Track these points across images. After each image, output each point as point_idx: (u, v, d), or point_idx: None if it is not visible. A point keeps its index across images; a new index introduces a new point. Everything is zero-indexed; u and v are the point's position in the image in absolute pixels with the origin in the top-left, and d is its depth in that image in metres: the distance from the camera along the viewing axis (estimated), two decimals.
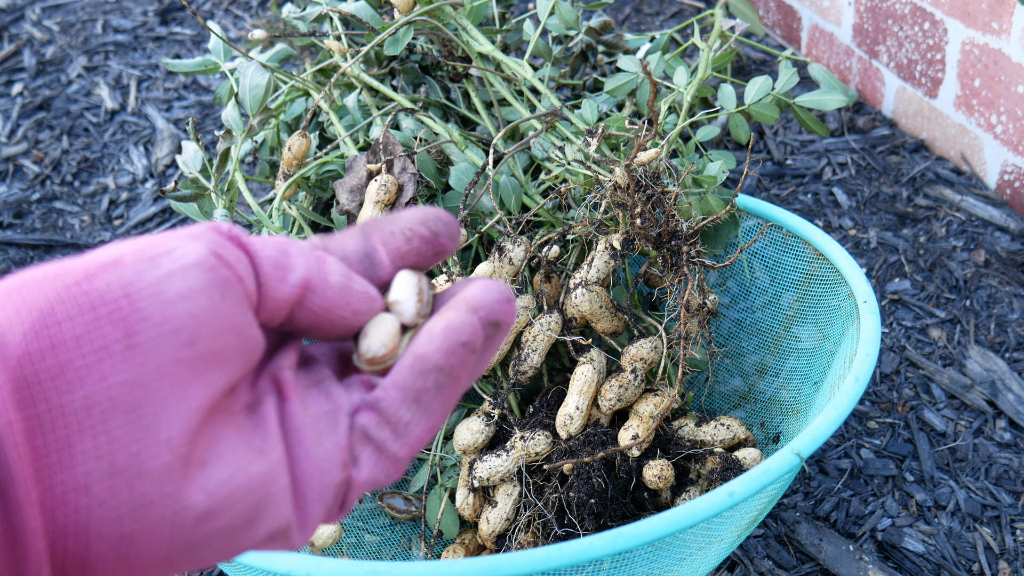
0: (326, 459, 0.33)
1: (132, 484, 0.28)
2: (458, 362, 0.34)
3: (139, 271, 0.29)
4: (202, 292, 0.30)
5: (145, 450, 0.28)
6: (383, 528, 1.02)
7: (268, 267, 0.32)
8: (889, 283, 1.37)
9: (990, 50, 1.40)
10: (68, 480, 0.28)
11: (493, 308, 0.35)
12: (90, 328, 0.28)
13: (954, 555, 1.04)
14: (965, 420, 1.18)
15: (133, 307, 0.29)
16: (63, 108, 1.91)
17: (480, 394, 0.93)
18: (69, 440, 0.28)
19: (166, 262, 0.30)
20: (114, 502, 0.28)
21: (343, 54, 1.05)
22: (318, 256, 0.34)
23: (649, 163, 0.85)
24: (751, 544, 1.06)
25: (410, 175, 0.94)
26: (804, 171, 1.58)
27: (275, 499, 0.32)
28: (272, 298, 0.33)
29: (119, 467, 0.28)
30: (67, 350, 0.28)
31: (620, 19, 2.03)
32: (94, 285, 0.29)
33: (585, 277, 0.89)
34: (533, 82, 1.00)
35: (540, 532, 0.87)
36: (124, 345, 0.28)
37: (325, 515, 0.34)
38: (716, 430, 0.91)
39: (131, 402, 0.28)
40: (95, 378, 0.28)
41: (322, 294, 0.33)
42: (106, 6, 2.23)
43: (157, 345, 0.29)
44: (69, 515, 0.28)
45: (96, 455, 0.28)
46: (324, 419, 0.34)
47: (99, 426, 0.28)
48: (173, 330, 0.29)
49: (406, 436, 0.34)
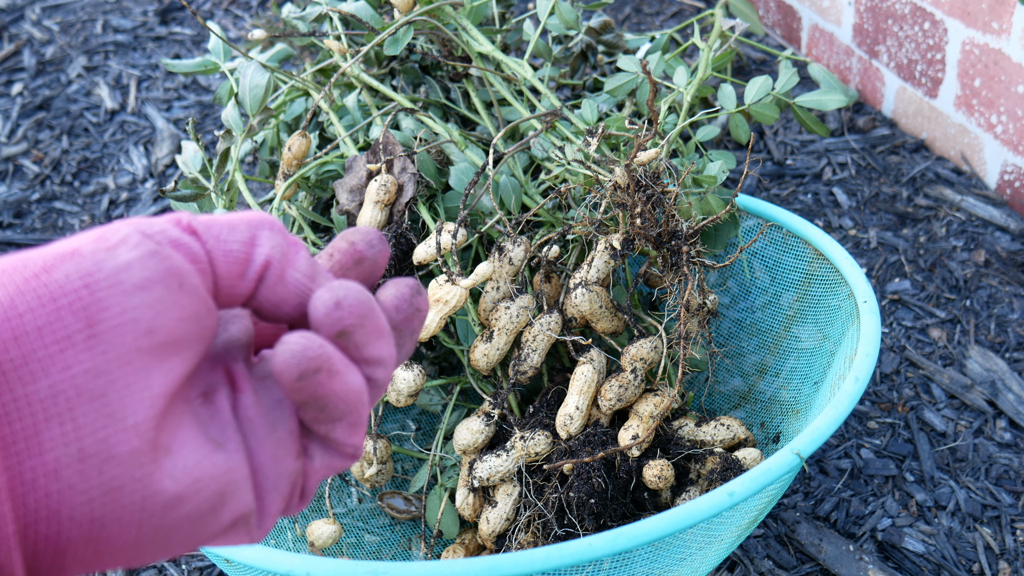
0: (279, 448, 0.34)
1: (101, 469, 0.29)
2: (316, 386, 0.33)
3: (97, 261, 0.30)
4: (159, 282, 0.30)
5: (113, 436, 0.29)
6: (383, 528, 1.02)
7: (226, 264, 0.33)
8: (889, 283, 1.37)
9: (990, 50, 1.40)
10: (38, 466, 0.28)
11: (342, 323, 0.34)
12: (52, 319, 0.29)
13: (954, 555, 1.04)
14: (965, 420, 1.18)
15: (93, 297, 0.29)
16: (63, 108, 1.91)
17: (480, 394, 0.93)
18: (36, 428, 0.28)
19: (123, 251, 0.30)
20: (84, 486, 0.29)
21: (343, 54, 1.05)
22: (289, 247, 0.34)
23: (649, 163, 0.85)
24: (751, 544, 1.06)
25: (410, 175, 0.94)
26: (804, 171, 1.58)
27: (238, 486, 0.32)
28: (228, 295, 0.33)
29: (88, 452, 0.29)
30: (29, 341, 0.29)
31: (620, 19, 2.03)
32: (53, 276, 0.29)
33: (585, 277, 0.89)
34: (533, 82, 1.00)
35: (540, 532, 0.87)
36: (86, 335, 0.29)
37: (283, 504, 0.34)
38: (716, 430, 0.91)
39: (95, 389, 0.29)
40: (59, 367, 0.29)
41: (273, 290, 0.34)
42: (106, 6, 2.23)
43: (118, 334, 0.29)
44: (40, 500, 0.28)
45: (64, 441, 0.29)
46: (276, 408, 0.35)
47: (65, 414, 0.29)
48: (132, 320, 0.30)
49: (338, 426, 0.35)
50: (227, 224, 0.33)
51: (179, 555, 0.33)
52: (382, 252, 0.38)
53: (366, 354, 0.34)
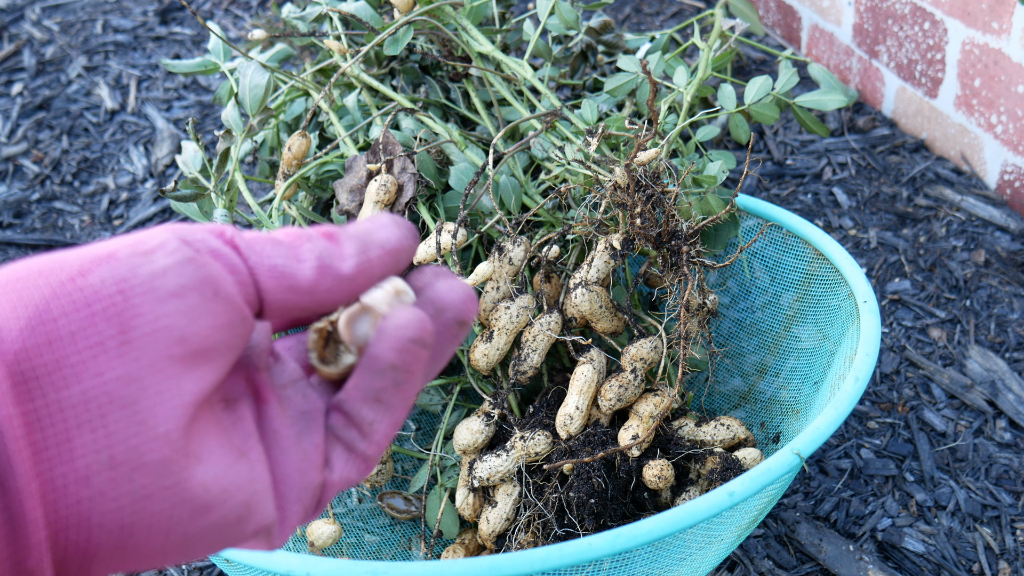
0: (304, 460, 0.34)
1: (132, 476, 0.29)
2: (411, 359, 0.34)
3: (133, 266, 0.30)
4: (194, 290, 0.30)
5: (144, 444, 0.29)
6: (383, 528, 1.02)
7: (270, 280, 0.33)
8: (889, 283, 1.37)
9: (990, 50, 1.40)
10: (69, 473, 0.28)
11: (459, 308, 0.37)
12: (85, 324, 0.29)
13: (954, 555, 1.04)
14: (965, 420, 1.18)
15: (127, 303, 0.29)
16: (63, 108, 1.91)
17: (480, 394, 0.93)
18: (68, 434, 0.28)
19: (160, 257, 0.30)
20: (114, 494, 0.29)
21: (343, 54, 1.05)
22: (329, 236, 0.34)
23: (649, 163, 0.85)
24: (751, 544, 1.06)
25: (410, 175, 0.94)
26: (804, 171, 1.58)
27: (261, 496, 0.32)
28: (280, 307, 0.33)
29: (118, 460, 0.29)
30: (63, 346, 0.28)
31: (620, 19, 2.03)
32: (88, 281, 0.29)
33: (585, 277, 0.89)
34: (533, 82, 1.00)
35: (540, 532, 0.87)
36: (119, 341, 0.29)
37: (302, 515, 0.34)
38: (716, 430, 0.91)
39: (127, 397, 0.29)
40: (91, 373, 0.28)
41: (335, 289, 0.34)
42: (106, 6, 2.23)
43: (150, 341, 0.29)
44: (71, 506, 0.28)
45: (95, 448, 0.28)
46: (302, 420, 0.35)
47: (97, 420, 0.28)
48: (165, 327, 0.30)
49: (371, 435, 0.35)
50: (269, 240, 0.33)
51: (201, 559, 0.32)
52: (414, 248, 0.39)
53: (447, 351, 0.36)
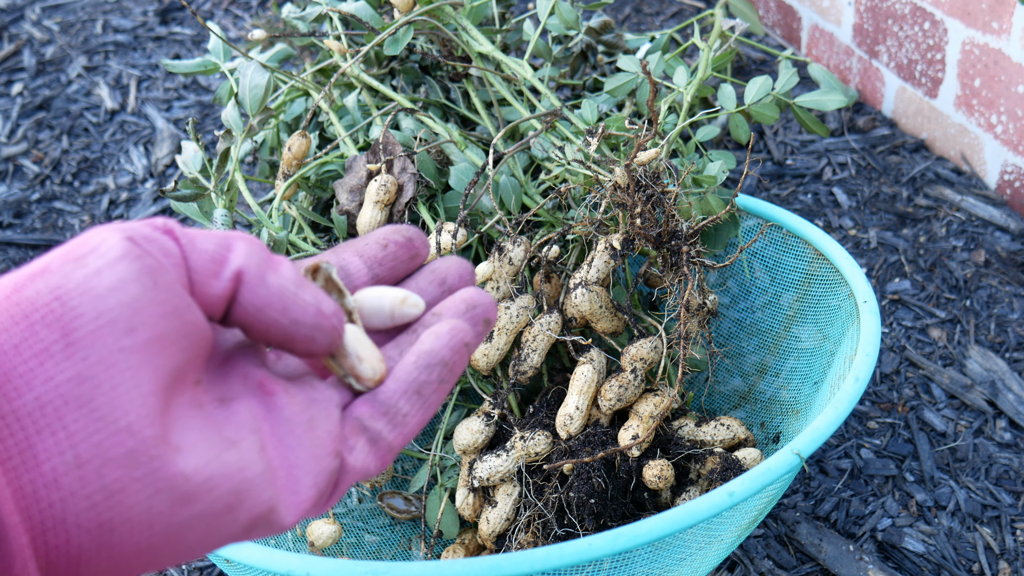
0: (318, 446, 0.35)
1: (101, 472, 0.29)
2: (460, 359, 0.37)
3: (66, 274, 0.30)
4: (133, 281, 0.31)
5: (107, 439, 0.29)
6: (383, 528, 1.02)
7: (200, 261, 0.33)
8: (889, 283, 1.37)
9: (990, 50, 1.40)
10: (36, 478, 0.29)
11: (487, 307, 0.40)
12: (26, 335, 0.29)
13: (954, 555, 1.04)
14: (965, 420, 1.18)
15: (65, 308, 0.30)
16: (63, 108, 1.91)
17: (480, 394, 0.93)
18: (29, 441, 0.29)
19: (92, 260, 0.31)
20: (86, 492, 0.29)
21: (343, 54, 1.05)
22: (270, 257, 0.35)
23: (649, 163, 0.85)
24: (751, 544, 1.06)
25: (410, 175, 0.94)
26: (804, 171, 1.58)
27: (253, 484, 0.32)
28: (204, 292, 0.33)
29: (84, 458, 0.29)
30: (8, 359, 0.29)
31: (620, 19, 2.03)
32: (24, 295, 0.30)
33: (585, 277, 0.89)
34: (533, 82, 1.00)
35: (540, 532, 0.87)
36: (63, 344, 0.29)
37: (317, 499, 0.35)
38: (716, 430, 0.91)
39: (81, 396, 0.29)
40: (41, 380, 0.29)
41: (254, 291, 0.34)
42: (106, 6, 2.23)
43: (96, 339, 0.30)
44: (44, 510, 0.29)
45: (59, 450, 0.29)
46: (314, 407, 0.35)
47: (55, 423, 0.29)
48: (109, 321, 0.30)
49: (402, 426, 0.36)
50: (202, 232, 0.34)
51: (200, 556, 0.33)
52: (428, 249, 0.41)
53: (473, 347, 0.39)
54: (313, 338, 0.35)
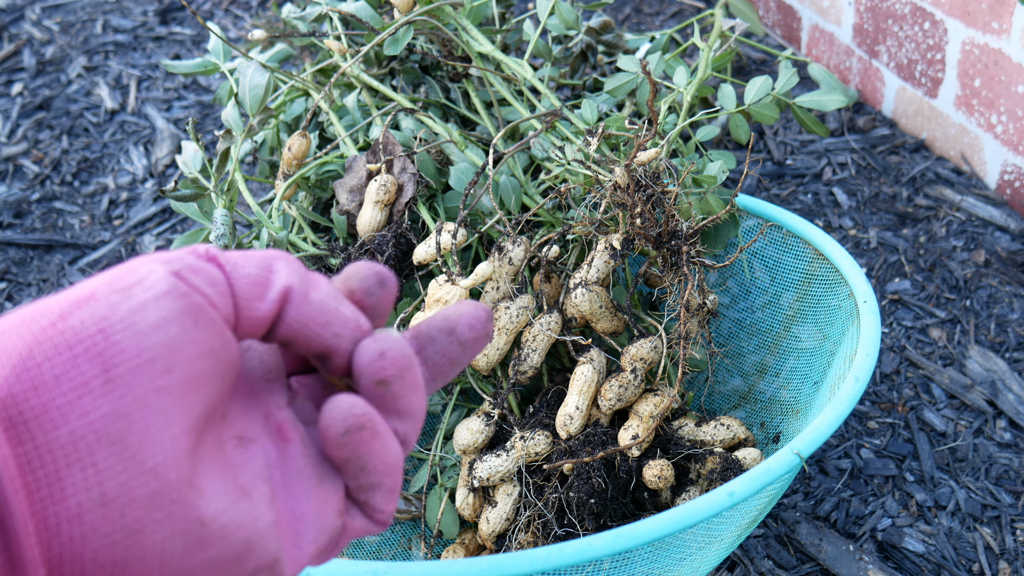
0: (324, 503, 0.35)
1: (123, 512, 0.29)
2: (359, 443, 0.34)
3: (112, 304, 0.30)
4: (175, 321, 0.31)
5: (133, 479, 0.29)
6: None
7: (245, 286, 0.33)
8: (889, 283, 1.37)
9: (990, 50, 1.40)
10: (61, 511, 0.29)
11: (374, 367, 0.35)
12: (68, 367, 0.29)
13: (954, 555, 1.04)
14: (965, 420, 1.18)
15: (108, 342, 0.30)
16: (63, 108, 1.91)
17: (480, 394, 0.93)
18: (59, 474, 0.29)
19: (138, 292, 0.31)
20: (106, 530, 0.29)
21: (343, 54, 1.05)
22: (308, 274, 0.35)
23: (649, 163, 0.85)
24: (751, 544, 1.06)
25: (410, 175, 0.94)
26: (804, 171, 1.58)
27: (263, 535, 0.33)
28: (250, 316, 0.33)
29: (109, 496, 0.29)
30: (48, 390, 0.29)
31: (620, 19, 2.03)
32: (69, 324, 0.30)
33: (585, 277, 0.89)
34: (533, 82, 1.00)
35: (540, 532, 0.87)
36: (103, 380, 0.29)
37: (316, 555, 0.35)
38: (716, 430, 0.91)
39: (114, 434, 0.29)
40: (77, 414, 0.29)
41: (299, 309, 0.34)
42: (106, 6, 2.23)
43: (134, 376, 0.30)
44: (64, 544, 0.29)
45: (86, 486, 0.29)
46: (324, 462, 0.35)
47: (86, 459, 0.29)
48: (149, 360, 0.30)
49: (379, 513, 0.36)
50: (242, 255, 0.34)
51: None
52: (383, 299, 0.37)
53: (400, 405, 0.36)
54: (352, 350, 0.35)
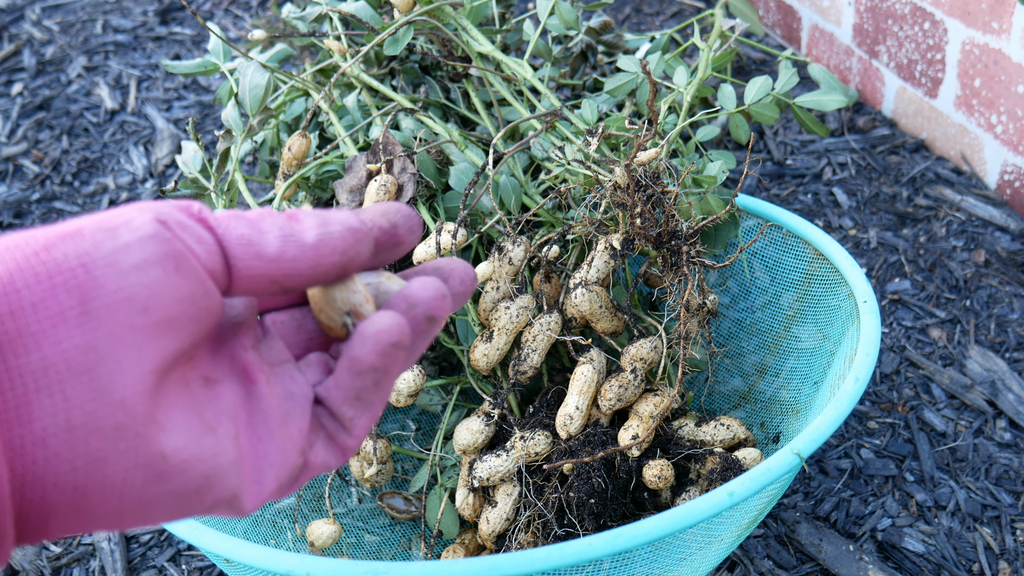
0: (288, 442, 0.36)
1: (87, 440, 0.30)
2: (390, 360, 0.37)
3: (96, 242, 0.31)
4: (156, 264, 0.32)
5: (99, 409, 0.30)
6: (383, 528, 1.02)
7: (239, 246, 0.34)
8: (889, 283, 1.37)
9: (990, 50, 1.40)
10: (26, 434, 0.30)
11: (430, 305, 0.38)
12: (46, 296, 0.30)
13: (954, 555, 1.04)
14: (965, 420, 1.18)
15: (88, 276, 0.31)
16: (63, 108, 1.91)
17: (480, 394, 0.93)
18: (27, 398, 0.30)
19: (123, 233, 0.32)
20: (69, 455, 0.30)
21: (343, 54, 1.05)
22: (291, 217, 0.36)
23: (649, 163, 0.85)
24: (751, 544, 1.06)
25: (410, 175, 0.94)
26: (804, 171, 1.58)
27: (224, 471, 0.34)
28: (247, 276, 0.34)
29: (74, 424, 0.30)
30: (24, 316, 0.30)
31: (620, 19, 2.03)
32: (52, 255, 0.31)
33: (585, 277, 0.89)
34: (533, 82, 1.00)
35: (540, 532, 0.87)
36: (79, 311, 0.30)
37: (276, 491, 0.36)
38: (716, 430, 0.91)
39: (85, 364, 0.30)
40: (50, 342, 0.30)
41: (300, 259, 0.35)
42: (106, 6, 2.23)
43: (111, 312, 0.31)
44: (27, 466, 0.30)
45: (52, 412, 0.30)
46: (290, 402, 0.37)
47: (55, 386, 0.30)
48: (126, 298, 0.31)
49: (352, 429, 0.38)
50: (232, 214, 0.35)
51: (157, 524, 0.34)
52: (417, 237, 0.40)
53: (425, 345, 0.38)
54: (358, 255, 0.37)
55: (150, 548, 1.11)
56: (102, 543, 1.11)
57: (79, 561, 1.10)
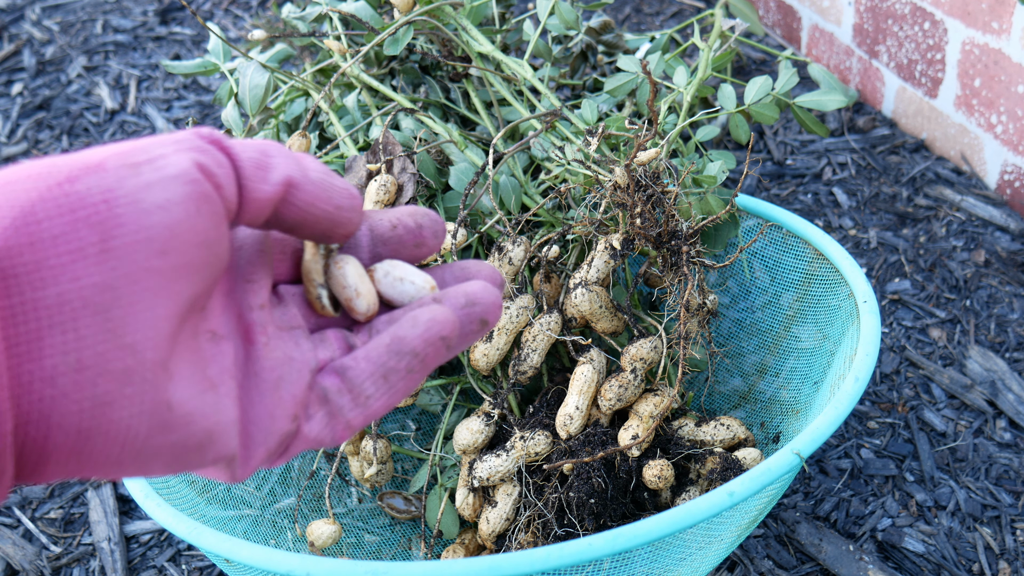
0: (278, 407, 0.35)
1: (95, 382, 0.30)
2: (433, 352, 0.37)
3: (120, 178, 0.31)
4: (179, 204, 0.31)
5: (111, 351, 0.30)
6: (383, 528, 1.02)
7: (250, 168, 0.34)
8: (889, 283, 1.37)
9: (990, 50, 1.40)
10: (35, 370, 0.29)
11: (488, 307, 0.38)
12: (67, 229, 0.29)
13: (954, 555, 1.04)
14: (965, 420, 1.18)
15: (111, 212, 0.30)
16: (63, 108, 1.91)
17: (480, 394, 0.93)
18: (40, 333, 0.29)
19: (147, 171, 0.31)
20: (76, 396, 0.29)
21: (343, 54, 1.05)
22: (297, 155, 0.36)
23: (649, 163, 0.85)
24: (751, 544, 1.06)
25: (410, 175, 0.94)
26: (804, 171, 1.58)
27: (224, 428, 0.33)
28: (255, 199, 0.34)
29: (85, 364, 0.29)
30: (44, 248, 0.29)
31: (620, 19, 2.03)
32: (75, 188, 0.30)
33: (585, 277, 0.89)
34: (533, 82, 1.00)
35: (540, 532, 0.87)
36: (99, 248, 0.30)
37: (266, 458, 0.35)
38: (716, 430, 0.91)
39: (101, 303, 0.30)
40: (68, 277, 0.29)
41: (304, 188, 0.35)
42: (106, 6, 2.23)
43: (130, 251, 0.30)
44: (34, 403, 0.29)
45: (64, 350, 0.29)
46: (287, 366, 0.36)
47: (68, 323, 0.29)
48: (147, 239, 0.30)
49: (364, 407, 0.37)
50: (240, 141, 0.35)
51: (156, 476, 0.33)
52: (440, 243, 0.40)
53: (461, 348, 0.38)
54: (351, 219, 0.37)
55: (150, 548, 1.11)
56: (102, 543, 1.11)
57: (79, 561, 1.10)
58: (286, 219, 0.35)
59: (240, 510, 0.94)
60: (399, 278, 0.39)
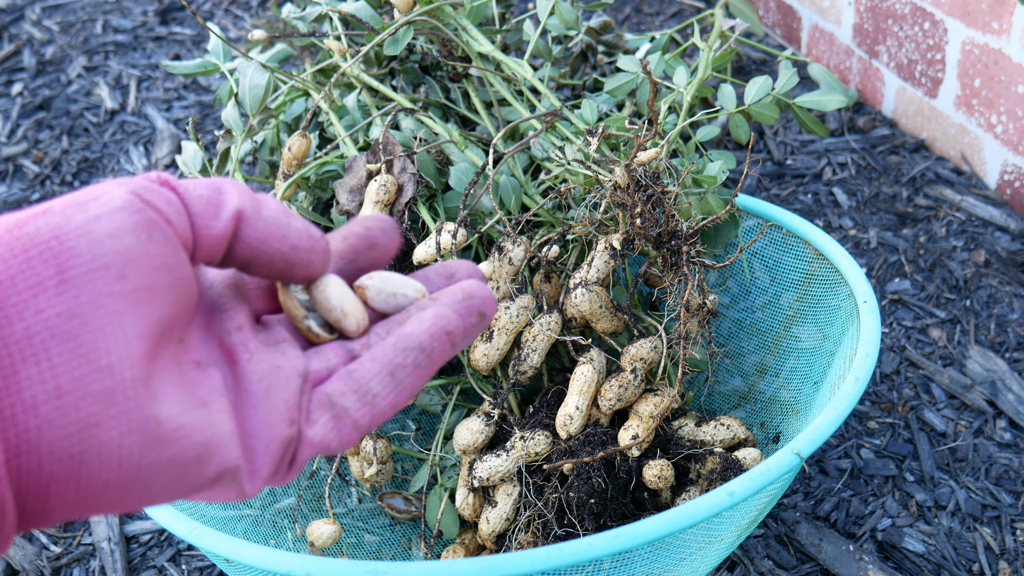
0: (272, 414, 0.36)
1: (78, 405, 0.30)
2: (439, 346, 0.38)
3: (67, 216, 0.32)
4: (129, 232, 0.32)
5: (88, 374, 0.31)
6: (383, 528, 1.02)
7: (199, 206, 0.35)
8: (889, 283, 1.37)
9: (990, 50, 1.40)
10: (16, 403, 0.30)
11: (484, 300, 0.40)
12: (23, 268, 0.31)
13: (954, 555, 1.04)
14: (965, 420, 1.18)
15: (63, 246, 0.31)
16: (63, 108, 1.91)
17: (480, 394, 0.93)
18: (13, 367, 0.30)
19: (93, 206, 0.32)
20: (62, 421, 0.30)
21: (343, 54, 1.05)
22: (256, 195, 0.37)
23: (649, 163, 0.85)
24: (751, 544, 1.06)
25: (410, 175, 0.94)
26: (804, 171, 1.58)
27: (222, 440, 0.34)
28: (208, 235, 0.35)
29: (64, 390, 0.30)
30: (3, 288, 0.30)
31: (620, 19, 2.03)
32: (25, 231, 0.31)
33: (585, 277, 0.89)
34: (533, 82, 1.00)
35: (540, 532, 0.87)
36: (57, 280, 0.31)
37: (273, 468, 0.36)
38: (716, 430, 0.91)
39: (68, 331, 0.31)
40: (32, 311, 0.30)
41: (254, 225, 0.36)
42: (106, 6, 2.23)
43: (89, 279, 0.31)
44: (20, 435, 0.30)
45: (41, 379, 0.30)
46: (274, 375, 0.37)
47: (40, 353, 0.30)
48: (103, 266, 0.31)
49: (372, 407, 0.37)
50: (192, 181, 0.36)
51: (165, 502, 0.34)
52: (394, 240, 0.41)
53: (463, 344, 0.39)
54: (310, 261, 0.38)
55: (150, 548, 1.11)
56: (102, 543, 1.11)
57: (79, 561, 1.10)
58: (238, 256, 0.36)
59: (240, 510, 0.94)
60: (392, 293, 0.40)
